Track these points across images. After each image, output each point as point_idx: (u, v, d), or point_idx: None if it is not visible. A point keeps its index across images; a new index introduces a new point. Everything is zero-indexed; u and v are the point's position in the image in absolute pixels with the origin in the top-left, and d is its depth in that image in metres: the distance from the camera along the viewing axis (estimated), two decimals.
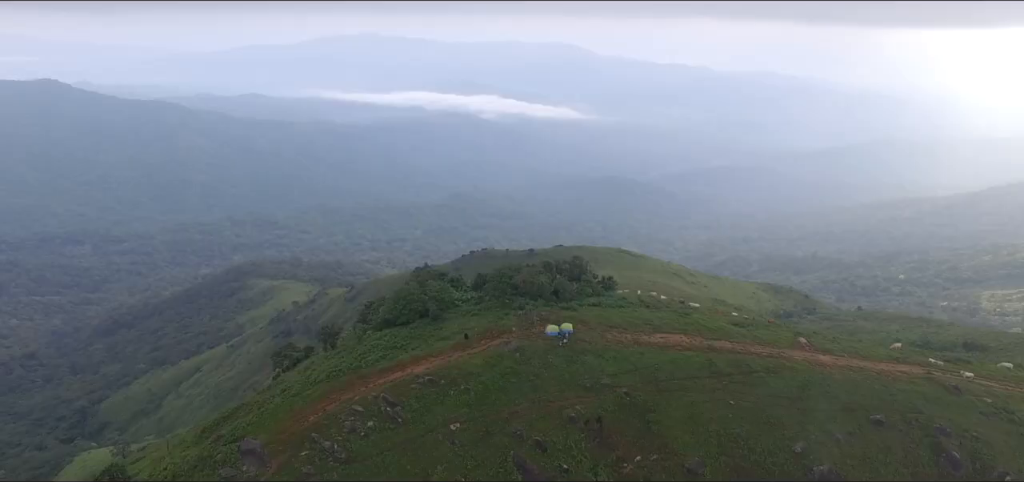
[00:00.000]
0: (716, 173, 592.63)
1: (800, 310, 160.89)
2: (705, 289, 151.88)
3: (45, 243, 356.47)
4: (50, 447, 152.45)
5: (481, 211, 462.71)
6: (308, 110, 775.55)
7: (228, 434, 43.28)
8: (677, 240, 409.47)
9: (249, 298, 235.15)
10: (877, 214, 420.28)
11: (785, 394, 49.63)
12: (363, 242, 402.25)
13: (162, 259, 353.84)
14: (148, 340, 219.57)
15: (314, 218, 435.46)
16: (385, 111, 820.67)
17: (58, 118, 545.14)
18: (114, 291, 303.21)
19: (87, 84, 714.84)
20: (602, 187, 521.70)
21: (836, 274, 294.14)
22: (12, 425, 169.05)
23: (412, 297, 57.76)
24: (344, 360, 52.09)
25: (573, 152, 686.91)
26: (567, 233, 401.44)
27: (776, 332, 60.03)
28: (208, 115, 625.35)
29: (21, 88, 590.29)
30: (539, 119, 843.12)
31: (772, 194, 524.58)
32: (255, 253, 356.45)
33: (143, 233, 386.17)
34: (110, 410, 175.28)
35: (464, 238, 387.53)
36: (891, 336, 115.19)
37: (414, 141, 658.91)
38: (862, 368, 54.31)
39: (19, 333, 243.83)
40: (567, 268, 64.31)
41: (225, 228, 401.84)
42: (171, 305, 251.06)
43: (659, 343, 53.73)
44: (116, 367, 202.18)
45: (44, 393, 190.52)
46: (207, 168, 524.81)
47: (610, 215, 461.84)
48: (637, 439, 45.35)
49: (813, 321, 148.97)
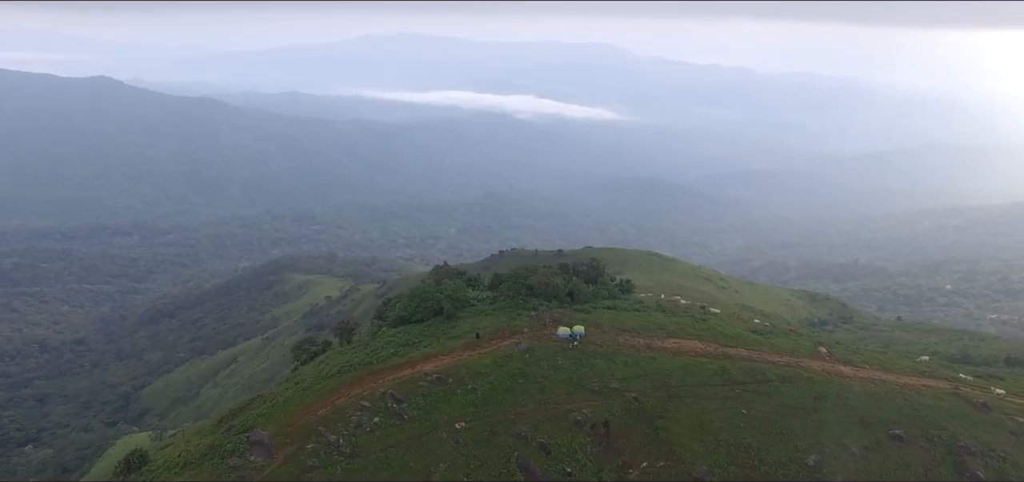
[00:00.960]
0: (755, 176, 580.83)
1: (836, 318, 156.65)
2: (736, 295, 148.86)
3: (96, 233, 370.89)
4: (95, 430, 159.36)
5: (516, 211, 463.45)
6: (347, 108, 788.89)
7: (239, 424, 44.47)
8: (713, 244, 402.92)
9: (285, 292, 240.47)
10: (924, 221, 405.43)
11: (800, 405, 48.45)
12: (398, 239, 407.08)
13: (205, 251, 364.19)
14: (189, 330, 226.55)
15: (351, 214, 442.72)
16: (422, 110, 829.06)
17: (111, 114, 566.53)
18: (159, 281, 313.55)
19: (138, 81, 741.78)
20: (638, 188, 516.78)
21: (878, 282, 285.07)
22: (62, 407, 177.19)
23: (427, 295, 58.33)
24: (357, 355, 52.93)
25: (609, 153, 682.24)
26: (601, 234, 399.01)
27: (796, 341, 58.63)
28: (251, 112, 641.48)
29: (77, 85, 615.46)
30: (575, 119, 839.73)
31: (813, 199, 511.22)
32: (293, 248, 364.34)
33: (187, 226, 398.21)
34: (151, 396, 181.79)
35: (498, 237, 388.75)
36: (928, 348, 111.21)
37: (450, 140, 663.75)
38: (884, 381, 52.64)
39: (70, 319, 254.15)
40: (584, 270, 64.01)
41: (265, 223, 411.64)
42: (211, 296, 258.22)
43: (672, 348, 53.05)
44: (158, 355, 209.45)
45: (91, 377, 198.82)
46: (249, 164, 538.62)
47: (645, 217, 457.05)
48: (644, 445, 44.87)
49: (848, 330, 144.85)
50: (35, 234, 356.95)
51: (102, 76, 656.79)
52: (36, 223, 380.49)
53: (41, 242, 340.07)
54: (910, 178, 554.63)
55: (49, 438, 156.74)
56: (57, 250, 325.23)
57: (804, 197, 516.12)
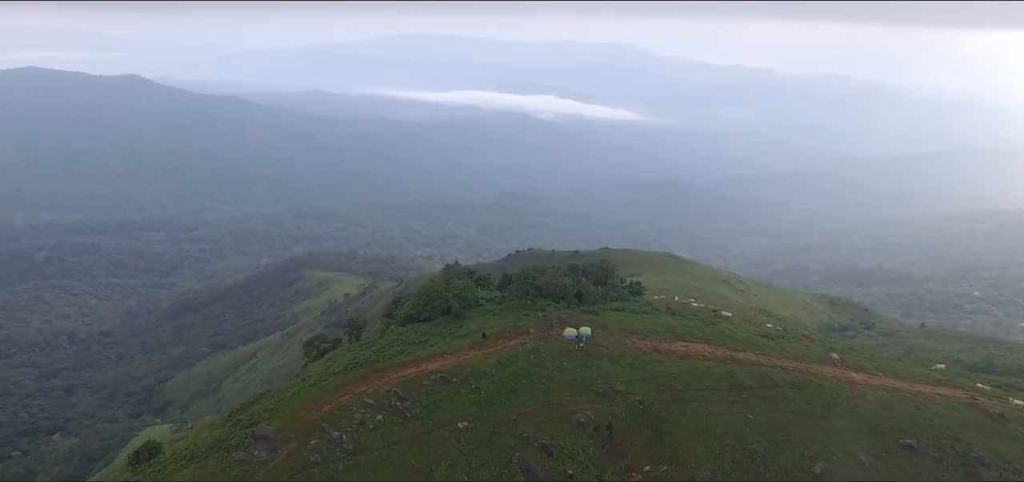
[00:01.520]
0: (778, 179, 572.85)
1: (857, 324, 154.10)
2: (754, 298, 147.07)
3: (124, 229, 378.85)
4: (119, 421, 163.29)
5: (535, 211, 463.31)
6: (369, 107, 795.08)
7: (246, 419, 45.15)
8: (734, 246, 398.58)
9: (305, 288, 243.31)
10: (953, 226, 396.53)
11: (808, 411, 47.77)
12: (417, 238, 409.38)
13: (228, 248, 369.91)
14: (211, 324, 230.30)
15: (372, 213, 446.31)
16: (443, 110, 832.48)
17: (141, 112, 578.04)
18: (183, 276, 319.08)
19: (167, 80, 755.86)
20: (658, 190, 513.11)
21: (903, 288, 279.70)
22: (89, 397, 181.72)
23: (435, 294, 58.60)
24: (364, 353, 53.37)
25: (630, 154, 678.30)
26: (621, 236, 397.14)
27: (807, 346, 57.77)
28: (275, 111, 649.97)
29: (109, 83, 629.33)
30: (596, 120, 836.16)
31: (838, 202, 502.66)
32: (314, 245, 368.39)
33: (212, 222, 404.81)
34: (174, 389, 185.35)
35: (517, 237, 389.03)
36: (951, 356, 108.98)
37: (471, 140, 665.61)
38: (896, 388, 51.65)
39: (98, 312, 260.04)
40: (593, 271, 63.77)
41: (287, 220, 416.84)
42: (233, 292, 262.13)
43: (679, 352, 52.63)
44: (181, 349, 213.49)
45: (117, 369, 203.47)
46: (273, 162, 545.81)
47: (665, 218, 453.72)
48: (647, 448, 44.61)
49: (870, 336, 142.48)
50: (66, 228, 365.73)
51: (132, 74, 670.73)
52: (67, 218, 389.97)
53: (72, 236, 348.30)
54: (938, 182, 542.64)
55: (76, 427, 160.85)
56: (87, 244, 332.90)
57: (828, 200, 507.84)
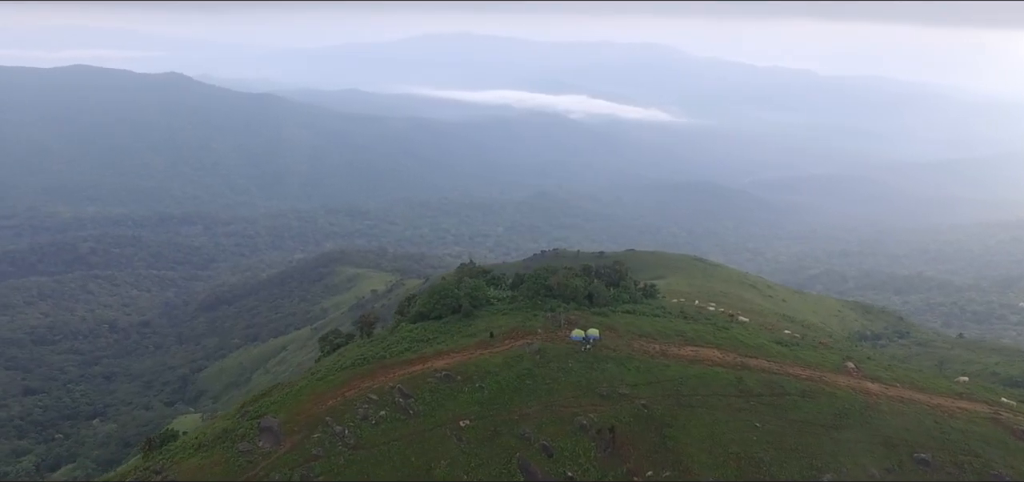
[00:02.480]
0: (815, 182, 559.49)
1: (890, 332, 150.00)
2: (782, 304, 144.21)
3: (164, 222, 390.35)
4: (155, 408, 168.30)
5: (564, 211, 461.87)
6: (402, 106, 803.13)
7: (253, 410, 46.12)
8: (767, 250, 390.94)
9: (335, 284, 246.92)
10: (998, 234, 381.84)
11: (819, 421, 46.65)
12: (447, 236, 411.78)
13: (263, 242, 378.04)
14: (244, 317, 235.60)
15: (402, 210, 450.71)
16: (475, 109, 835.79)
17: (181, 108, 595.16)
18: (219, 270, 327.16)
19: (207, 78, 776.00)
20: (691, 192, 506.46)
21: (944, 297, 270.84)
22: (127, 385, 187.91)
23: (446, 292, 58.96)
24: (374, 349, 53.99)
25: (662, 155, 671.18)
26: (651, 238, 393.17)
27: (822, 354, 56.42)
28: (311, 109, 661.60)
29: (151, 81, 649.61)
30: (628, 120, 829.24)
31: (877, 207, 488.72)
32: (346, 241, 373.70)
33: (248, 217, 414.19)
34: (207, 379, 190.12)
35: (546, 237, 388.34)
36: (987, 369, 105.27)
37: (502, 139, 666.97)
38: (914, 400, 50.07)
39: (138, 302, 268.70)
40: (606, 273, 63.36)
41: (320, 216, 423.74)
42: (266, 286, 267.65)
43: (688, 356, 51.93)
44: (215, 340, 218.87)
45: (154, 358, 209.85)
46: (307, 159, 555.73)
47: (697, 221, 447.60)
48: (650, 453, 44.15)
49: (902, 346, 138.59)
50: (110, 221, 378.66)
51: (174, 72, 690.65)
52: (111, 210, 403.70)
53: (115, 229, 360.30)
54: (984, 187, 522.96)
55: (114, 413, 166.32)
56: (129, 236, 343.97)
57: (867, 205, 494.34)
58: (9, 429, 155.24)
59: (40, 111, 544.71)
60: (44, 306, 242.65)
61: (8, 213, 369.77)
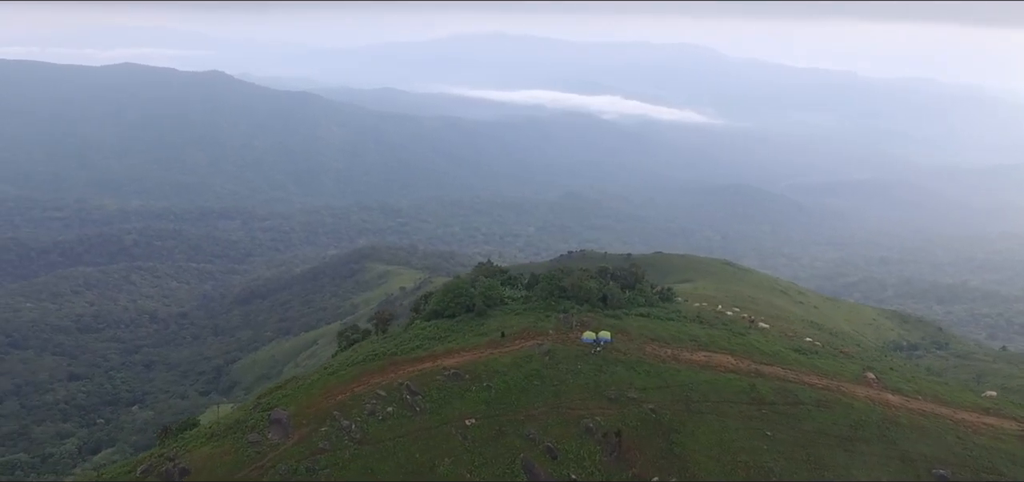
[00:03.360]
0: (856, 187, 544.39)
1: (928, 343, 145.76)
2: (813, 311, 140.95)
3: (204, 217, 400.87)
4: (190, 398, 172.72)
5: (596, 212, 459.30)
6: (436, 105, 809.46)
7: (265, 402, 47.18)
8: (804, 256, 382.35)
9: (366, 280, 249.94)
10: None
11: (833, 432, 45.51)
12: (478, 235, 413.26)
13: (297, 238, 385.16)
14: (277, 311, 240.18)
15: (434, 209, 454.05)
16: (508, 109, 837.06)
17: (222, 106, 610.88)
18: (255, 264, 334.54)
19: (247, 76, 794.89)
20: (726, 195, 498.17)
21: (989, 308, 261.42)
22: (165, 374, 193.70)
23: (461, 291, 59.32)
24: (386, 345, 54.65)
25: (697, 157, 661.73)
26: (684, 241, 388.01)
27: (842, 363, 54.96)
28: (346, 107, 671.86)
29: (194, 79, 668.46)
30: (663, 121, 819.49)
31: (920, 214, 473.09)
32: (377, 238, 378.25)
33: (284, 213, 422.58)
34: (240, 371, 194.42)
35: (577, 237, 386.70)
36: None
37: (535, 139, 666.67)
38: (937, 414, 48.43)
39: (177, 294, 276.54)
40: (623, 275, 62.88)
41: (354, 213, 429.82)
42: (299, 281, 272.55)
43: (700, 361, 51.18)
44: (249, 333, 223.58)
45: (191, 349, 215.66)
46: (343, 156, 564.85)
47: (732, 225, 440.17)
48: (657, 459, 43.71)
49: (940, 357, 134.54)
50: (153, 214, 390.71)
51: (216, 71, 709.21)
52: (154, 204, 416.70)
53: (157, 222, 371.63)
54: None
55: (152, 401, 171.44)
56: (170, 230, 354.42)
57: (910, 211, 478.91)
58: (55, 412, 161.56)
59: (92, 107, 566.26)
60: (90, 295, 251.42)
61: (59, 205, 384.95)
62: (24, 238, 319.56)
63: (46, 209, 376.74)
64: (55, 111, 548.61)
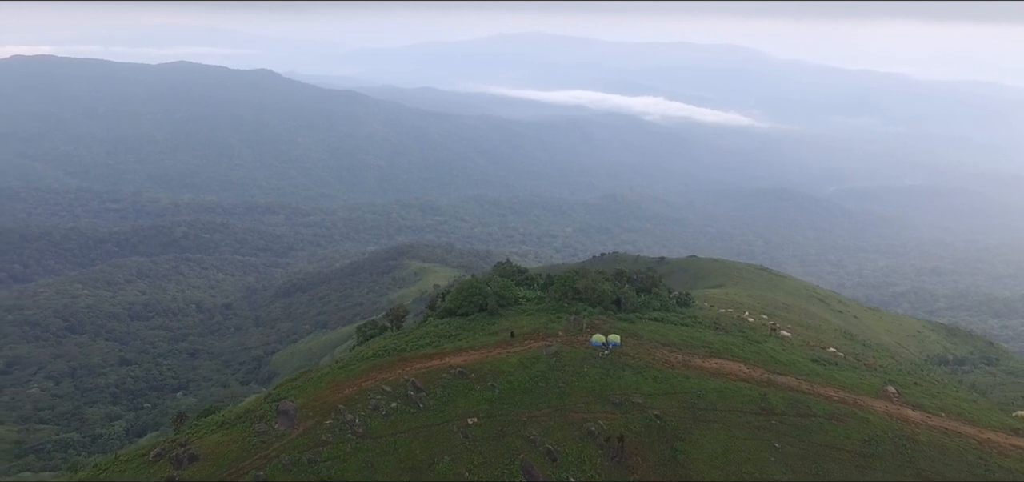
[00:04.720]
0: (907, 193, 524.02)
1: (977, 357, 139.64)
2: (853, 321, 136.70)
3: (250, 211, 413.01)
4: (231, 386, 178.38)
5: (635, 214, 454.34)
6: (478, 105, 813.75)
7: (275, 393, 48.46)
8: (850, 263, 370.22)
9: (402, 277, 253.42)
10: None
11: (845, 446, 44.09)
12: (515, 235, 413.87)
13: (339, 233, 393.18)
14: (316, 304, 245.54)
15: (472, 208, 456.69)
16: (549, 109, 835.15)
17: (269, 103, 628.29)
18: (297, 258, 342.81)
19: (294, 74, 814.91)
20: (769, 199, 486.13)
21: None
22: (209, 362, 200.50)
23: (474, 290, 59.67)
24: (397, 341, 55.39)
25: (741, 160, 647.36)
26: (724, 245, 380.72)
27: (861, 375, 53.10)
28: (388, 106, 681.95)
29: (243, 77, 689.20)
30: (706, 124, 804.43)
31: (976, 222, 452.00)
32: (416, 235, 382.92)
33: (326, 209, 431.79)
34: (278, 362, 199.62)
35: (614, 239, 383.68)
36: None
37: (575, 139, 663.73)
38: (960, 433, 46.39)
39: (222, 286, 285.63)
40: (638, 278, 62.20)
41: (394, 210, 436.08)
42: (338, 276, 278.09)
43: (711, 368, 50.22)
44: (288, 325, 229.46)
45: (234, 339, 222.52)
46: (384, 154, 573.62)
47: (775, 230, 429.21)
48: (659, 466, 43.13)
49: (989, 373, 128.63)
50: (202, 208, 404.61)
51: (264, 69, 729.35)
52: (203, 198, 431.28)
53: (206, 216, 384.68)
54: None
55: (195, 388, 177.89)
56: (217, 223, 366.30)
57: (965, 219, 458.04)
58: (106, 395, 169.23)
59: (148, 104, 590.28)
60: (141, 284, 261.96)
61: (117, 197, 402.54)
62: (83, 227, 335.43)
63: (104, 201, 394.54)
64: (115, 107, 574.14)
